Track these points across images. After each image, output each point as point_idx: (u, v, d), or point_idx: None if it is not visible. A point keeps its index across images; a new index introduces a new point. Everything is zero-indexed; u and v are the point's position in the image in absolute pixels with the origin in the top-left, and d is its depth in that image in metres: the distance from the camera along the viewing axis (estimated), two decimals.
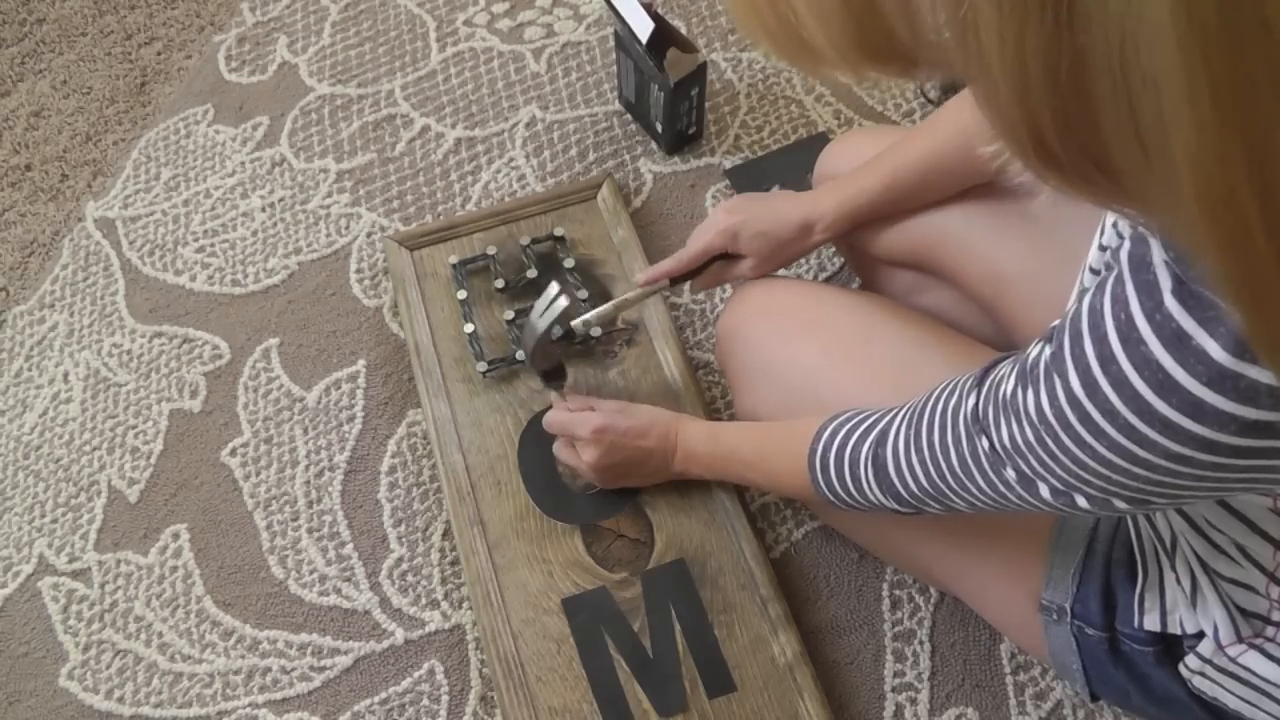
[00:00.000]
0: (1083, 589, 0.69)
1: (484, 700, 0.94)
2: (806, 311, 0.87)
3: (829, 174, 1.00)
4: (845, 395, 0.78)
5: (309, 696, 0.95)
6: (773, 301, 0.89)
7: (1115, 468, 0.47)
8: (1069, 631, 0.71)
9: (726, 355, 0.93)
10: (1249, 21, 0.28)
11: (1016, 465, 0.54)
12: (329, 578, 1.01)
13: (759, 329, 0.88)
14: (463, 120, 1.30)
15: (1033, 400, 0.50)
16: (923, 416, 0.63)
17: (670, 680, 0.90)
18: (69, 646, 1.00)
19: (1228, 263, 0.32)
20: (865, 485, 0.69)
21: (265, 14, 1.45)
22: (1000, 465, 0.55)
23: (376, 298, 1.18)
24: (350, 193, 1.26)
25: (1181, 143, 0.30)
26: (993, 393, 0.55)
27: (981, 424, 0.56)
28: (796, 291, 0.90)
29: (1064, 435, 0.48)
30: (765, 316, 0.88)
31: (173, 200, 1.28)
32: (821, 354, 0.83)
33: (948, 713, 0.90)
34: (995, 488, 0.57)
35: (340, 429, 1.09)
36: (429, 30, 1.40)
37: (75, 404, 1.14)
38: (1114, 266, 0.45)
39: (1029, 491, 0.54)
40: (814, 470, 0.74)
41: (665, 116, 1.18)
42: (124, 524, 1.06)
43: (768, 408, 0.87)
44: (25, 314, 1.22)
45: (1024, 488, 0.55)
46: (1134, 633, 0.67)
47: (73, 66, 1.43)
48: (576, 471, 0.97)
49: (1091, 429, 0.47)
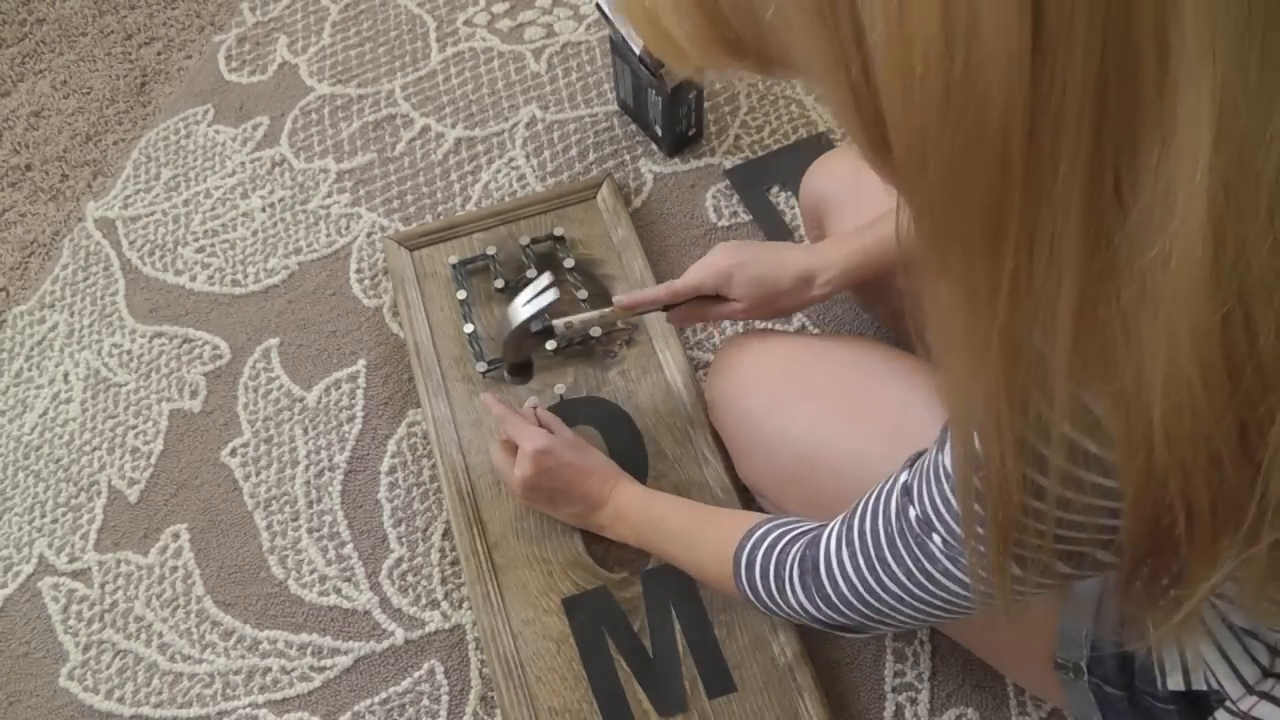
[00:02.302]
0: (1097, 650, 0.67)
1: (484, 700, 0.94)
2: (794, 376, 0.85)
3: (814, 193, 0.99)
4: (839, 469, 0.77)
5: (309, 696, 0.95)
6: (758, 367, 0.87)
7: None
8: (1087, 687, 0.69)
9: (718, 423, 0.93)
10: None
11: (941, 530, 0.54)
12: (329, 578, 1.01)
13: (748, 401, 0.86)
14: (463, 120, 1.30)
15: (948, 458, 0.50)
16: (854, 514, 0.62)
17: (670, 680, 0.90)
18: (69, 646, 1.00)
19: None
20: (789, 589, 0.68)
21: (265, 14, 1.45)
22: (928, 531, 0.55)
23: (376, 298, 1.18)
24: (350, 193, 1.26)
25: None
26: (920, 463, 0.56)
27: (910, 495, 0.56)
28: (782, 353, 0.87)
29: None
30: (753, 387, 0.87)
31: (173, 200, 1.28)
32: (811, 429, 0.81)
33: (948, 713, 0.90)
34: (921, 565, 0.56)
35: (340, 429, 1.09)
36: (429, 30, 1.40)
37: (75, 404, 1.14)
38: None
39: (955, 562, 0.54)
40: (738, 567, 0.72)
41: (664, 120, 1.18)
42: (124, 524, 1.06)
43: (766, 478, 0.87)
44: (25, 314, 1.22)
45: (950, 558, 0.54)
46: (1156, 691, 0.65)
47: (73, 66, 1.43)
48: (502, 478, 0.96)
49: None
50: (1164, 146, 0.32)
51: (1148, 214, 0.33)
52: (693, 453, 1.00)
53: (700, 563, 0.81)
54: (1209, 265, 0.32)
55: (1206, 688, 0.61)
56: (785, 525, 0.72)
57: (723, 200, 1.20)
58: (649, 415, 1.03)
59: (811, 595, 0.66)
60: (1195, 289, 0.33)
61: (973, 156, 0.34)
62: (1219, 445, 0.36)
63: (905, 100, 0.35)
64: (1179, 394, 0.35)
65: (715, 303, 0.91)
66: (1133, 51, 0.31)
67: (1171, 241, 0.33)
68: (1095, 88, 0.32)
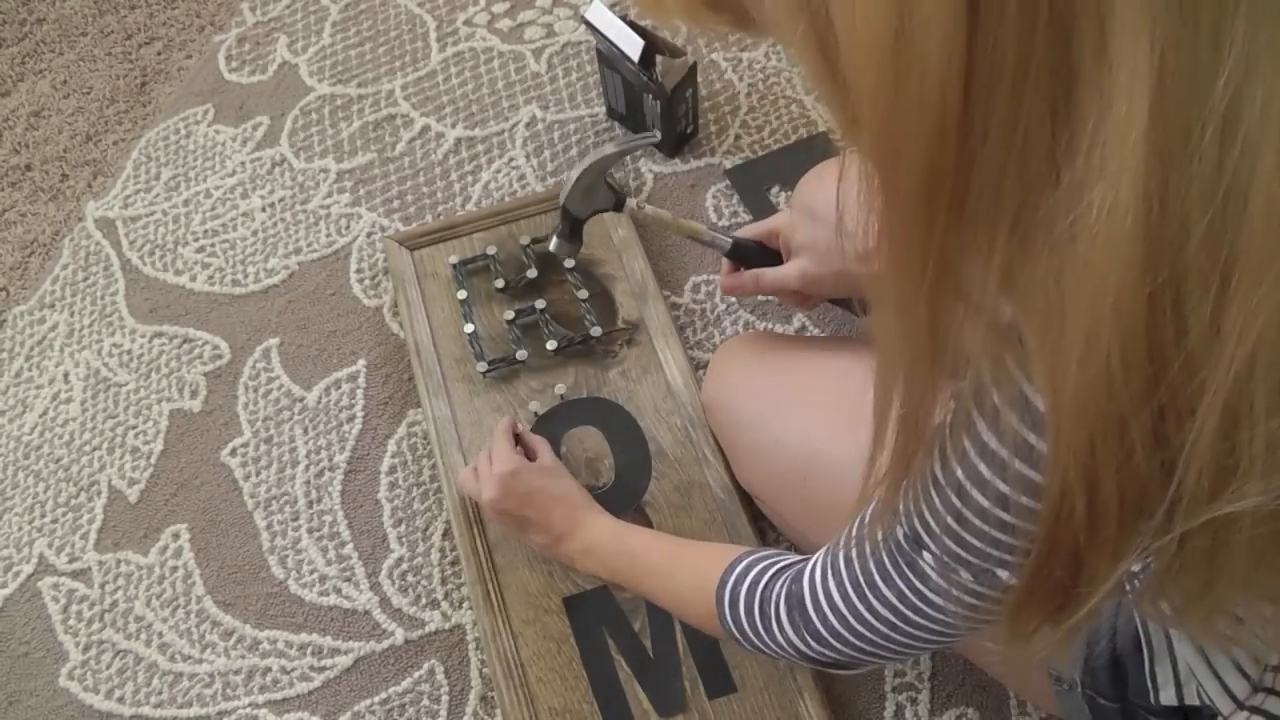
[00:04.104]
0: (1090, 663, 0.67)
1: (484, 700, 0.94)
2: (789, 382, 0.84)
3: (807, 204, 0.98)
4: (835, 476, 0.76)
5: (309, 696, 0.95)
6: (753, 373, 0.87)
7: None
8: (1081, 699, 0.69)
9: (715, 428, 0.92)
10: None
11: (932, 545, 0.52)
12: (329, 578, 1.01)
13: (743, 407, 0.86)
14: (463, 120, 1.30)
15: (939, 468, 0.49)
16: (838, 543, 0.60)
17: (670, 680, 0.90)
18: (69, 646, 1.00)
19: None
20: (775, 626, 0.65)
21: (265, 14, 1.45)
22: (918, 549, 0.53)
23: (376, 298, 1.18)
24: (350, 193, 1.26)
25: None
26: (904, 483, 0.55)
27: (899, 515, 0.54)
28: (777, 359, 0.87)
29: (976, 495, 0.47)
30: (748, 393, 0.86)
31: (173, 200, 1.28)
32: (805, 435, 0.81)
33: (948, 713, 0.90)
34: (914, 585, 0.55)
35: (340, 429, 1.09)
36: (429, 30, 1.40)
37: (75, 404, 1.14)
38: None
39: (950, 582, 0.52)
40: (722, 606, 0.70)
41: (664, 124, 1.18)
42: (124, 524, 1.06)
43: (762, 483, 0.87)
44: (25, 314, 1.22)
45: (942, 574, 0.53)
46: (1150, 705, 0.64)
47: (73, 66, 1.43)
48: (469, 495, 0.94)
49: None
50: (1100, 115, 0.32)
51: (1079, 182, 0.33)
52: (694, 453, 1.00)
53: (678, 600, 0.78)
54: (1138, 239, 0.32)
55: (1199, 703, 0.61)
56: (767, 559, 0.69)
57: (723, 200, 1.20)
58: (649, 415, 1.03)
59: (800, 630, 0.63)
60: (1122, 261, 0.32)
61: (910, 117, 0.34)
62: (1131, 426, 0.36)
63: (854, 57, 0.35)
64: (1095, 367, 0.34)
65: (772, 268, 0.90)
66: (1070, 17, 0.31)
67: (1102, 211, 0.32)
68: (1033, 53, 0.32)
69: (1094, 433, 0.36)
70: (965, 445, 0.46)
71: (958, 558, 0.51)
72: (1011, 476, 0.44)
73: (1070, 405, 0.36)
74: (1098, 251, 0.33)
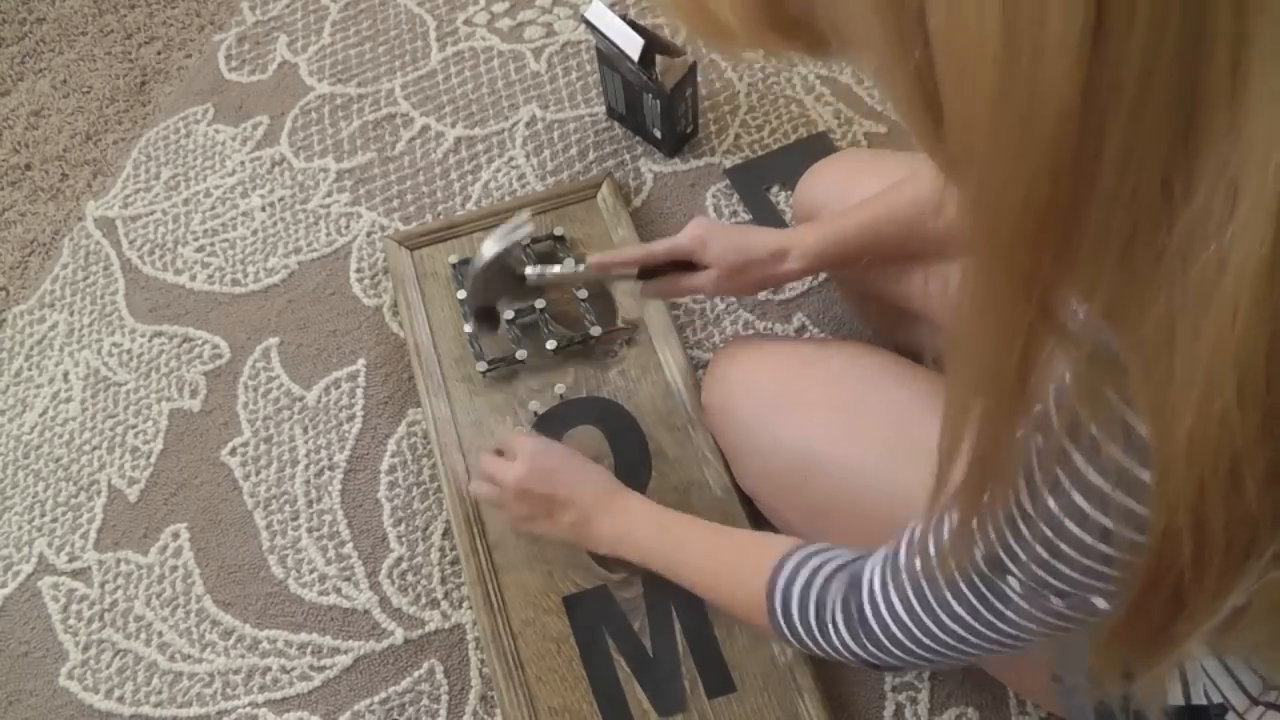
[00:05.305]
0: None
1: (484, 700, 0.94)
2: (788, 385, 0.84)
3: (808, 201, 0.98)
4: (834, 478, 0.76)
5: (309, 696, 0.95)
6: (752, 375, 0.87)
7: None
8: (1084, 698, 0.67)
9: (715, 430, 0.92)
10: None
11: (1018, 572, 0.49)
12: (329, 577, 1.01)
13: (741, 409, 0.86)
14: (463, 119, 1.30)
15: (1028, 501, 0.46)
16: (898, 551, 0.58)
17: (670, 680, 0.90)
18: (69, 646, 1.00)
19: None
20: (832, 632, 0.63)
21: (265, 13, 1.45)
22: (1000, 573, 0.50)
23: (376, 297, 1.18)
24: (350, 192, 1.26)
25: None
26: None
27: (977, 542, 0.51)
28: (777, 361, 0.87)
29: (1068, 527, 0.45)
30: (747, 395, 0.86)
31: (173, 200, 1.28)
32: (804, 438, 0.81)
33: (948, 713, 0.90)
34: (992, 604, 0.53)
35: (340, 428, 1.09)
36: (429, 30, 1.40)
37: (75, 403, 1.14)
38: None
39: (1036, 605, 0.50)
40: (773, 604, 0.68)
41: (664, 123, 1.18)
42: (124, 523, 1.06)
43: (761, 485, 0.87)
44: (25, 313, 1.22)
45: (1028, 598, 0.50)
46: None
47: (73, 66, 1.43)
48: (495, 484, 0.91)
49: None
50: (1229, 146, 0.30)
51: (1205, 214, 0.31)
52: (693, 453, 1.00)
53: (719, 594, 0.76)
54: (1268, 274, 0.30)
55: (1206, 702, 0.60)
56: (818, 557, 0.67)
57: (723, 200, 1.20)
58: (649, 415, 1.03)
59: (859, 638, 0.62)
60: (1251, 300, 0.31)
61: (1023, 146, 0.32)
62: (1245, 465, 0.34)
63: (961, 84, 0.33)
64: (1211, 405, 0.33)
65: (688, 274, 0.90)
66: (1203, 37, 0.29)
67: (1230, 244, 0.30)
68: (1157, 71, 0.30)
69: (1205, 472, 0.34)
70: (1059, 477, 0.44)
71: (1048, 585, 0.49)
72: (1114, 510, 0.42)
73: (1182, 443, 0.34)
74: (1224, 289, 0.31)
